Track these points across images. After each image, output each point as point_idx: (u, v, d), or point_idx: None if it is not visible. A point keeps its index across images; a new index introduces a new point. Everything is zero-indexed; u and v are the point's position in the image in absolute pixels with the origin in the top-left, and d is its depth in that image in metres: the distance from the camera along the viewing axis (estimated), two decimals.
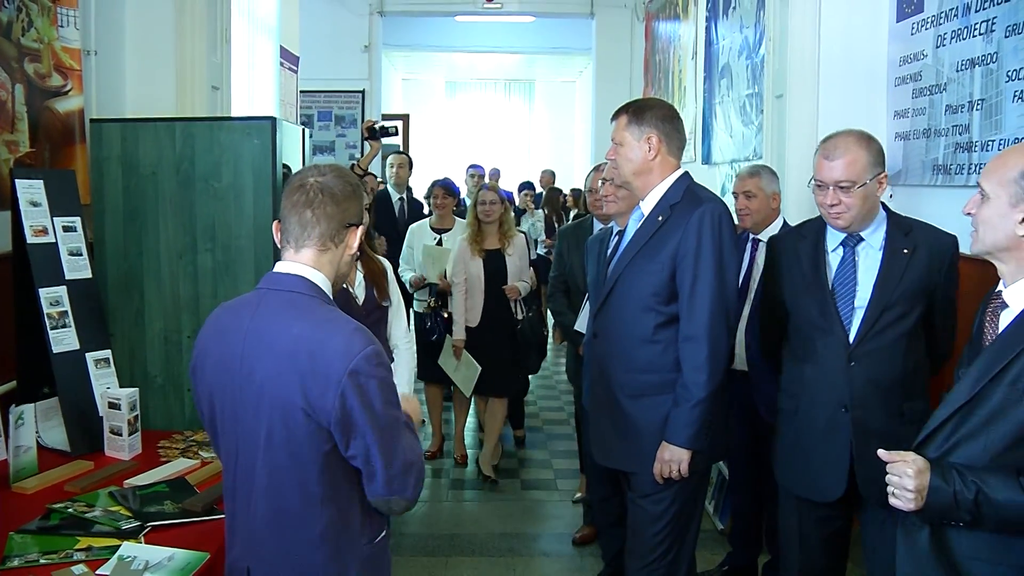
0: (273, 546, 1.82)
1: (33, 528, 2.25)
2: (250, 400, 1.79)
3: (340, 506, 1.83)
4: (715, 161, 6.01)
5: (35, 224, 2.94)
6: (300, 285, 1.83)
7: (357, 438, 1.75)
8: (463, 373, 5.20)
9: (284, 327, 1.78)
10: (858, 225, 2.64)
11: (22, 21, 3.14)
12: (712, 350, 2.64)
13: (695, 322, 2.64)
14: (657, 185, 2.77)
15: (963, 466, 1.84)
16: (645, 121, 2.75)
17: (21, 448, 2.58)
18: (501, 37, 12.45)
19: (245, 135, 3.26)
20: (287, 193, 1.87)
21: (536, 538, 4.48)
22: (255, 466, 1.80)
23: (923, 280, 2.60)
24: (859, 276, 2.65)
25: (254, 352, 1.78)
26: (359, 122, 9.74)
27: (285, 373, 1.74)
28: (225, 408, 1.85)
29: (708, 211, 2.66)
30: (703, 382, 2.63)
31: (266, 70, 5.50)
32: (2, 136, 3.05)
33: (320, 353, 1.73)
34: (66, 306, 2.96)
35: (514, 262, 5.16)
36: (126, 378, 3.18)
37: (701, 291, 2.64)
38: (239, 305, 1.90)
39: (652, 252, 2.72)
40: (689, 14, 6.87)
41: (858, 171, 2.58)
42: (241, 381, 1.80)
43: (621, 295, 2.79)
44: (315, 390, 1.72)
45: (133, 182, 3.26)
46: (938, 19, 3.66)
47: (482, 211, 5.10)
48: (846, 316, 2.63)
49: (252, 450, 1.80)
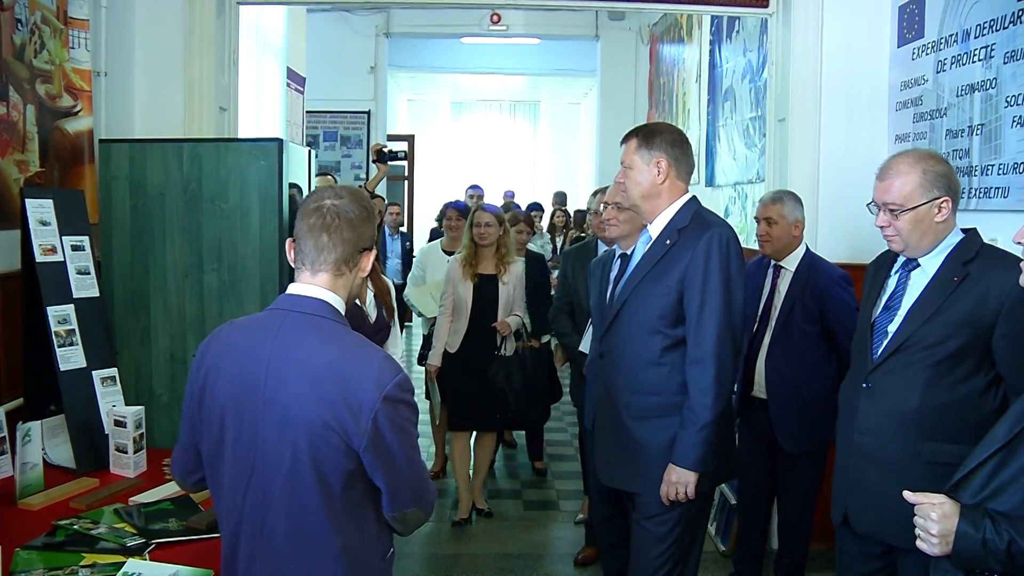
0: (293, 564, 1.83)
1: (39, 544, 2.26)
2: (272, 421, 1.79)
3: (359, 523, 1.87)
4: (719, 183, 6.05)
5: (44, 243, 2.97)
6: (324, 309, 1.86)
7: (385, 458, 1.80)
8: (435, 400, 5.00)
9: (315, 351, 1.80)
10: (915, 250, 2.48)
11: (34, 43, 3.19)
12: (719, 373, 2.65)
13: (702, 346, 2.65)
14: (665, 209, 2.78)
15: (1000, 513, 1.75)
16: (655, 145, 2.77)
17: (28, 465, 2.60)
18: (506, 58, 12.51)
19: (252, 156, 3.30)
20: (303, 214, 1.88)
21: (538, 559, 4.47)
22: (275, 485, 1.81)
23: (970, 312, 2.36)
24: (904, 301, 2.52)
25: (280, 374, 1.79)
26: (364, 143, 9.81)
27: (315, 396, 1.77)
28: (242, 428, 1.84)
29: (716, 235, 2.68)
30: (709, 404, 2.64)
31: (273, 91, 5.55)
32: (13, 156, 3.09)
33: (354, 379, 1.77)
34: (74, 324, 2.99)
35: (507, 291, 4.75)
36: (132, 396, 3.20)
37: (708, 315, 2.65)
38: (254, 325, 1.90)
39: (659, 276, 2.73)
40: (693, 37, 6.93)
41: (907, 194, 2.42)
42: (263, 402, 1.80)
43: (628, 317, 2.80)
44: (347, 414, 1.76)
45: (141, 202, 3.30)
46: (938, 44, 3.70)
47: (477, 233, 4.72)
48: (878, 340, 2.53)
49: (273, 470, 1.80)
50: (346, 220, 1.86)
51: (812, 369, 3.48)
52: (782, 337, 3.54)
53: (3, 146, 3.03)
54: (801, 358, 3.52)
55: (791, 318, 3.53)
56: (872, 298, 2.64)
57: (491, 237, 4.72)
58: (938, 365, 2.40)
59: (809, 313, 3.50)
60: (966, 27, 3.48)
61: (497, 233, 4.74)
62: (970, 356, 2.39)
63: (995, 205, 3.30)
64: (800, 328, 3.52)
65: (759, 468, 3.76)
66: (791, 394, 3.52)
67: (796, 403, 3.52)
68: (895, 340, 2.47)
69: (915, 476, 2.37)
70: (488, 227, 4.71)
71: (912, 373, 2.43)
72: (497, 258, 4.76)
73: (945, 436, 2.39)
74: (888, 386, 2.47)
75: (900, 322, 2.48)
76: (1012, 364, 2.36)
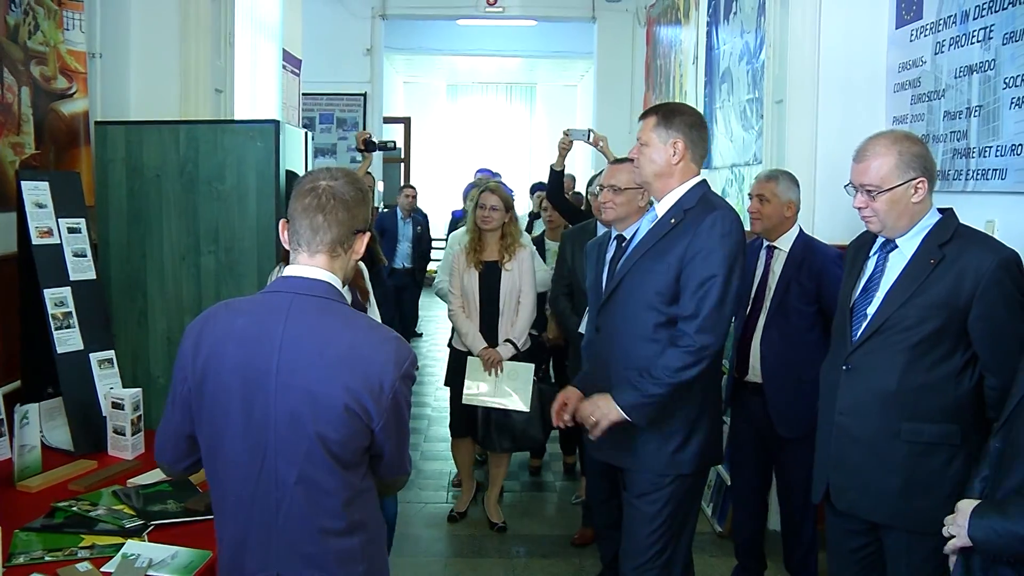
0: (313, 547, 1.83)
1: (38, 526, 2.27)
2: (287, 407, 1.78)
3: (371, 496, 1.91)
4: (715, 166, 6.04)
5: (40, 225, 2.97)
6: (331, 291, 1.86)
7: (395, 431, 1.86)
8: (508, 386, 4.37)
9: (332, 335, 1.80)
10: (892, 230, 2.50)
11: (29, 24, 3.18)
12: (698, 351, 2.66)
13: (691, 322, 2.67)
14: (674, 189, 2.79)
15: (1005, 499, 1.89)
16: (673, 126, 2.77)
17: (26, 447, 2.61)
18: (503, 41, 12.49)
19: (248, 138, 3.30)
20: (298, 195, 1.87)
21: (535, 539, 4.49)
22: (291, 470, 1.80)
23: (946, 295, 2.39)
24: (882, 283, 2.54)
25: (294, 359, 1.78)
26: (360, 125, 9.78)
27: (335, 380, 1.77)
28: (252, 415, 1.81)
29: (721, 216, 2.69)
30: (673, 370, 2.66)
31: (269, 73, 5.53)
32: (8, 138, 3.08)
33: (375, 362, 1.79)
34: (70, 307, 2.99)
35: (511, 279, 4.40)
36: (129, 379, 3.21)
37: (703, 293, 2.66)
38: (259, 309, 1.87)
39: (660, 253, 2.75)
40: (690, 19, 6.91)
41: (883, 175, 2.44)
42: (276, 388, 1.79)
43: (626, 292, 2.82)
44: (369, 397, 1.78)
45: (137, 184, 3.30)
46: (937, 26, 3.69)
47: (480, 216, 4.40)
48: (857, 322, 2.56)
49: (289, 455, 1.80)
50: (341, 201, 1.85)
51: (808, 349, 3.46)
52: (777, 318, 3.53)
53: None
54: (797, 339, 3.51)
55: (786, 298, 3.53)
56: (852, 280, 2.66)
57: (495, 222, 4.40)
58: (916, 347, 2.43)
59: (806, 293, 3.49)
60: (965, 8, 3.47)
61: (502, 219, 4.41)
62: (947, 337, 2.42)
63: (993, 187, 3.29)
64: (796, 308, 3.51)
65: (752, 457, 3.75)
66: (788, 376, 3.52)
67: (793, 385, 3.51)
68: (874, 322, 2.50)
69: (894, 455, 2.46)
70: (493, 211, 4.38)
71: (890, 355, 2.46)
72: (502, 245, 4.43)
73: (923, 416, 2.44)
74: (867, 367, 2.51)
75: (878, 304, 2.51)
76: (987, 345, 2.40)
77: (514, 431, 4.44)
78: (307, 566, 1.83)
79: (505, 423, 4.43)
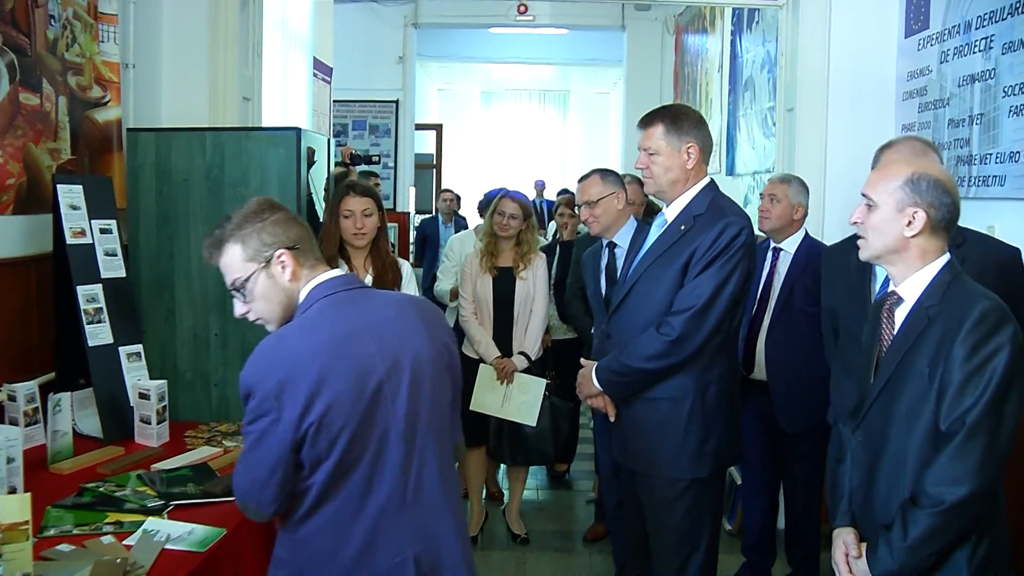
0: (449, 521, 1.98)
1: (68, 504, 2.42)
2: (416, 393, 1.93)
3: None
4: (739, 172, 6.11)
5: (74, 226, 3.13)
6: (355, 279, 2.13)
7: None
8: (519, 398, 4.30)
9: (409, 312, 2.01)
10: None
11: (66, 37, 3.35)
12: (673, 342, 2.67)
13: (678, 316, 2.68)
14: (684, 193, 2.78)
15: None
16: (683, 130, 2.74)
17: (58, 433, 2.77)
18: (535, 48, 12.55)
19: (271, 144, 3.43)
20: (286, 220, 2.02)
21: (548, 535, 4.58)
22: (433, 447, 1.96)
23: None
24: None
25: (398, 348, 1.93)
26: (392, 132, 9.93)
27: (437, 345, 2.01)
28: (389, 426, 1.88)
29: (730, 223, 2.69)
30: (642, 357, 2.71)
31: (299, 81, 5.68)
32: (46, 144, 3.25)
33: (442, 319, 2.14)
34: (101, 303, 3.15)
35: (525, 288, 4.31)
36: (157, 372, 3.34)
37: (699, 291, 2.68)
38: (327, 323, 1.90)
39: (669, 260, 2.75)
40: (716, 27, 6.98)
41: None
42: (397, 383, 1.90)
43: (636, 299, 2.83)
44: (452, 356, 2.07)
45: (166, 188, 3.45)
46: (942, 36, 3.76)
47: (498, 223, 4.29)
48: None
49: (430, 433, 1.96)
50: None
51: (813, 349, 3.52)
52: (782, 318, 3.62)
53: (37, 135, 3.19)
54: (802, 338, 3.58)
55: (791, 299, 3.61)
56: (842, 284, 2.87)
57: (512, 230, 4.30)
58: None
59: (810, 294, 3.54)
60: (968, 18, 3.54)
61: (519, 227, 4.31)
62: None
63: (992, 193, 3.36)
64: (801, 309, 3.59)
65: (761, 454, 3.82)
66: (792, 375, 3.60)
67: (797, 383, 3.59)
68: None
69: None
70: (512, 219, 4.28)
71: None
72: (517, 252, 4.34)
73: None
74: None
75: None
76: None
77: (526, 445, 4.35)
78: (441, 539, 1.95)
79: (518, 436, 4.34)
